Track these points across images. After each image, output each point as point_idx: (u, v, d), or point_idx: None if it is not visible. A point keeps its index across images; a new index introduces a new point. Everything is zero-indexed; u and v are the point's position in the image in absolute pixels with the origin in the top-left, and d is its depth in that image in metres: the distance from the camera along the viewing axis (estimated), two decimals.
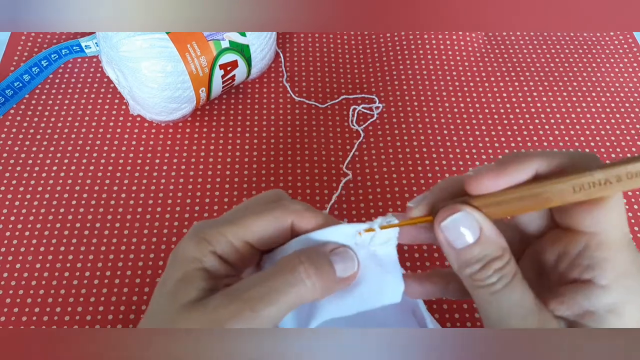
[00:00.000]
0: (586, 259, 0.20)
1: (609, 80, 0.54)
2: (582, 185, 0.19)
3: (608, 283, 0.20)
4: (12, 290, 0.39)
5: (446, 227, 0.21)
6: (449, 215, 0.21)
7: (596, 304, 0.20)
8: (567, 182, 0.19)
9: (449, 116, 0.50)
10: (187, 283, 0.21)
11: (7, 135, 0.47)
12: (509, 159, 0.20)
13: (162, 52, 0.41)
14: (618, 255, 0.20)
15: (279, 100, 0.51)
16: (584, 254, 0.20)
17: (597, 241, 0.20)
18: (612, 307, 0.20)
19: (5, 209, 0.43)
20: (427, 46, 0.55)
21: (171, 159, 0.46)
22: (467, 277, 0.21)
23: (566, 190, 0.19)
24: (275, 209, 0.22)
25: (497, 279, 0.20)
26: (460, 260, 0.21)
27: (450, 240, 0.21)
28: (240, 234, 0.22)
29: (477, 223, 0.21)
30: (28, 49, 0.53)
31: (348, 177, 0.45)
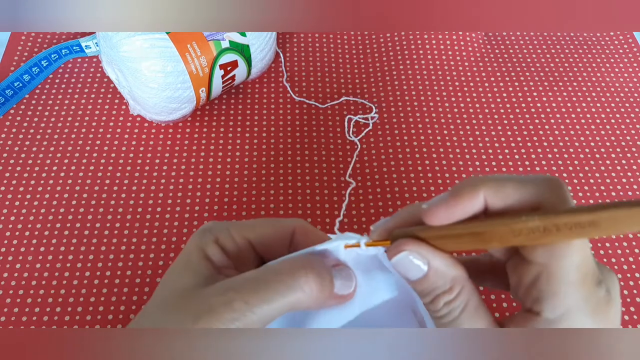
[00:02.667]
0: (535, 291, 0.19)
1: (609, 80, 0.54)
2: (521, 231, 0.18)
3: (556, 318, 0.19)
4: (12, 290, 0.39)
5: (396, 263, 0.21)
6: (397, 253, 0.21)
7: None
8: (506, 225, 0.18)
9: (449, 116, 0.50)
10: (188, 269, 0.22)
11: (7, 135, 0.47)
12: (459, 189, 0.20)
13: (162, 52, 0.41)
14: (569, 290, 0.19)
15: (279, 100, 0.51)
16: (534, 285, 0.20)
17: (547, 273, 0.19)
18: None
19: (5, 209, 0.43)
20: (427, 46, 0.55)
21: (171, 159, 0.46)
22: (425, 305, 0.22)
23: (506, 234, 0.18)
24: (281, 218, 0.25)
25: (447, 312, 0.21)
26: (416, 291, 0.22)
27: (404, 274, 0.21)
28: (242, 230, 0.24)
29: (425, 258, 0.21)
30: (28, 49, 0.53)
31: (352, 185, 0.45)
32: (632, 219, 0.17)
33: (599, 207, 0.17)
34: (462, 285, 0.21)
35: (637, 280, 0.41)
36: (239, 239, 0.23)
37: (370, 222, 0.43)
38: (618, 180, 0.47)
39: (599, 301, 0.19)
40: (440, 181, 0.46)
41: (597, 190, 0.46)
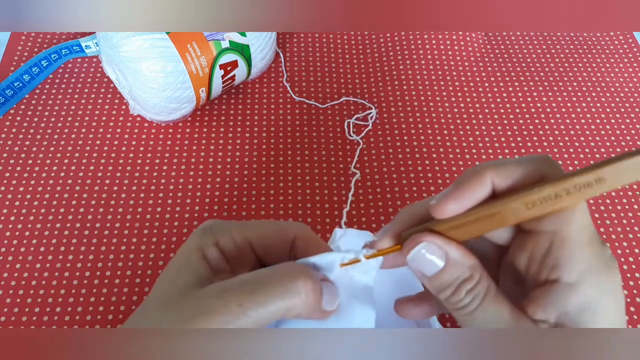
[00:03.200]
0: (551, 258, 0.20)
1: (609, 80, 0.54)
2: (534, 202, 0.19)
3: (575, 280, 0.20)
4: (12, 290, 0.39)
5: (413, 259, 0.21)
6: (413, 247, 0.21)
7: (568, 303, 0.20)
8: (519, 200, 0.19)
9: (449, 116, 0.50)
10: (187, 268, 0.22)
11: (7, 135, 0.47)
12: (465, 178, 0.21)
13: (162, 52, 0.41)
14: (582, 252, 0.20)
15: (279, 100, 0.51)
16: (549, 254, 0.20)
17: (559, 239, 0.20)
18: (583, 305, 0.20)
19: (5, 209, 0.43)
20: (427, 46, 0.55)
21: (171, 159, 0.46)
22: (444, 301, 0.22)
23: (519, 208, 0.19)
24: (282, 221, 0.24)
25: (470, 300, 0.21)
26: (433, 287, 0.22)
27: (420, 270, 0.21)
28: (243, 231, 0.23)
29: (442, 249, 0.21)
30: (28, 49, 0.53)
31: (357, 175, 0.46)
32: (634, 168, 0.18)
33: (602, 163, 0.18)
34: (480, 272, 0.21)
35: (637, 280, 0.41)
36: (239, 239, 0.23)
37: (370, 221, 0.43)
38: None
39: (607, 260, 0.20)
40: (440, 181, 0.46)
41: None
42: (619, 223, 0.44)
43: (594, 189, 0.18)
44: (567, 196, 0.19)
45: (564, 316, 0.20)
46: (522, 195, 0.19)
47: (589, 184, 0.18)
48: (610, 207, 0.45)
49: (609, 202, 0.45)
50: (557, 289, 0.20)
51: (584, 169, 0.18)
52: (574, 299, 0.20)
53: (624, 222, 0.44)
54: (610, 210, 0.45)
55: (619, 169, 0.18)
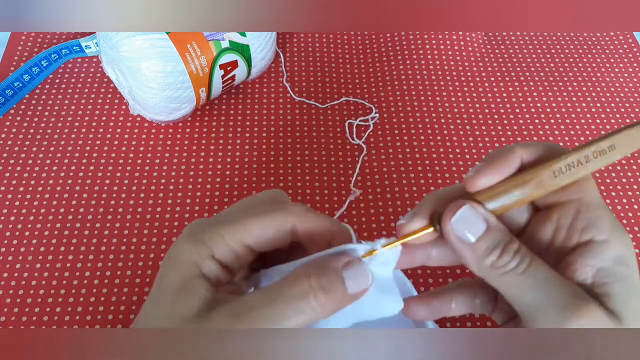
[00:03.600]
0: (581, 221, 0.22)
1: (609, 80, 0.54)
2: (560, 169, 0.21)
3: (607, 237, 0.21)
4: (12, 290, 0.39)
5: (457, 221, 0.21)
6: (456, 211, 0.21)
7: (604, 258, 0.21)
8: (547, 168, 0.21)
9: (449, 116, 0.50)
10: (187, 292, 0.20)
11: (7, 135, 0.47)
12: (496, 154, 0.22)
13: (162, 52, 0.41)
14: (605, 213, 0.22)
15: (279, 100, 0.51)
16: (578, 218, 0.22)
17: (585, 205, 0.22)
18: (618, 258, 0.21)
19: (5, 209, 0.43)
20: (427, 46, 0.55)
21: (171, 159, 0.46)
22: (489, 268, 0.21)
23: (547, 177, 0.21)
24: (276, 211, 0.22)
25: (519, 260, 0.21)
26: (478, 253, 0.21)
27: (462, 236, 0.21)
28: (239, 235, 0.21)
29: (482, 215, 0.22)
30: (28, 49, 0.53)
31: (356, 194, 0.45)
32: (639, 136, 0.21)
33: (614, 132, 0.21)
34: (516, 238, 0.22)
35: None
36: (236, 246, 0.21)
37: (370, 221, 0.43)
38: (618, 180, 0.47)
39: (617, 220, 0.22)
40: (440, 181, 0.46)
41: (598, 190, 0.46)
42: None
43: (608, 156, 0.21)
44: (587, 164, 0.21)
45: (602, 272, 0.21)
46: (549, 163, 0.21)
47: (603, 150, 0.21)
48: (610, 207, 0.45)
49: (609, 202, 0.45)
50: (592, 248, 0.21)
51: (598, 138, 0.21)
52: (609, 253, 0.21)
53: (624, 222, 0.44)
54: (611, 210, 0.45)
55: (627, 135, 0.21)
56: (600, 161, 0.21)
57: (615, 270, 0.21)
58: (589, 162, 0.21)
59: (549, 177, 0.21)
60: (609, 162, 0.21)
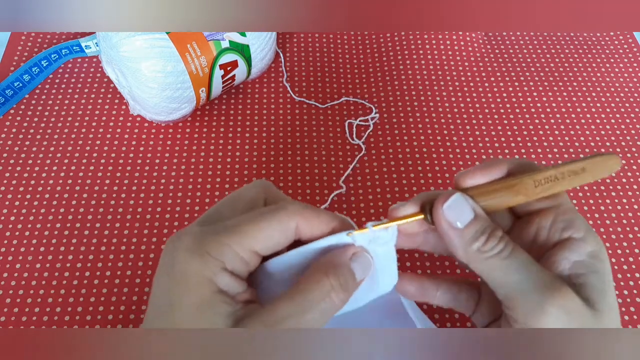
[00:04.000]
0: (561, 222, 0.24)
1: (609, 80, 0.54)
2: (540, 180, 0.24)
3: (583, 235, 0.24)
4: (12, 290, 0.39)
5: (448, 207, 0.23)
6: (448, 198, 0.23)
7: (581, 253, 0.23)
8: (530, 177, 0.24)
9: (449, 116, 0.50)
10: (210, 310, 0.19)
11: (7, 135, 0.47)
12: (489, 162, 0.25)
13: (162, 52, 0.41)
14: (580, 217, 0.25)
15: (279, 100, 0.51)
16: (557, 219, 0.25)
17: (562, 209, 0.25)
18: (593, 253, 0.23)
19: (5, 209, 0.43)
20: (427, 46, 0.55)
21: (171, 159, 0.46)
22: (476, 252, 0.23)
23: (529, 185, 0.24)
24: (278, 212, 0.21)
25: (504, 245, 0.23)
26: (466, 238, 0.23)
27: (453, 221, 0.23)
28: (246, 243, 0.21)
29: (471, 204, 0.24)
30: (28, 49, 0.53)
31: (341, 190, 0.45)
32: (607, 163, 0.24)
33: (585, 158, 0.25)
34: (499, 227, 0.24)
35: (637, 280, 0.41)
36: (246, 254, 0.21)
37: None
38: (618, 180, 0.47)
39: None
40: (440, 181, 0.46)
41: (597, 190, 0.46)
42: (619, 223, 0.44)
43: (580, 177, 0.24)
44: (561, 180, 0.24)
45: (578, 265, 0.23)
46: (531, 174, 0.24)
47: (575, 171, 0.24)
48: (610, 207, 0.45)
49: (609, 202, 0.45)
50: (571, 244, 0.24)
51: (573, 160, 0.24)
52: (586, 248, 0.23)
53: (624, 222, 0.44)
54: (610, 210, 0.45)
55: (598, 163, 0.24)
56: (572, 180, 0.24)
57: (590, 263, 0.23)
58: (564, 179, 0.24)
59: (531, 185, 0.24)
60: (581, 182, 0.24)
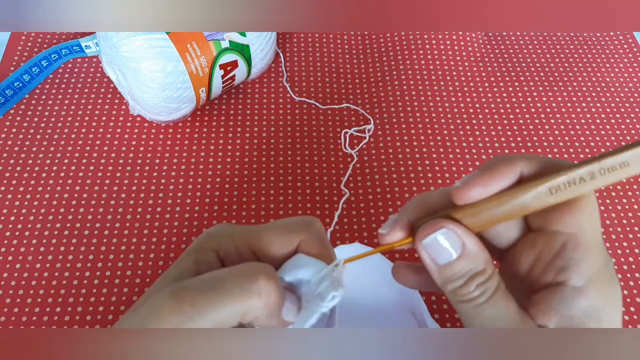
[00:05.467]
0: (561, 260, 0.20)
1: (609, 80, 0.54)
2: (559, 186, 0.19)
3: (583, 285, 0.19)
4: (12, 290, 0.39)
5: (428, 244, 0.20)
6: (430, 233, 0.20)
7: (573, 307, 0.19)
8: (544, 184, 0.19)
9: (449, 116, 0.50)
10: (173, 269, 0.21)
11: (7, 135, 0.47)
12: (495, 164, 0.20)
13: (162, 52, 0.41)
14: (593, 257, 0.20)
15: (279, 100, 0.51)
16: (560, 255, 0.20)
17: (574, 242, 0.20)
18: (589, 310, 0.19)
19: (5, 209, 0.43)
20: (426, 46, 0.55)
21: (171, 159, 0.46)
22: (450, 292, 0.21)
23: (543, 192, 0.19)
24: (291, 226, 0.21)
25: (479, 293, 0.20)
26: (443, 277, 0.20)
27: (433, 257, 0.20)
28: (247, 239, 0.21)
29: (460, 238, 0.20)
30: (28, 49, 0.53)
31: (346, 195, 0.45)
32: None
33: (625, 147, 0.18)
34: (492, 267, 0.20)
35: (637, 280, 0.41)
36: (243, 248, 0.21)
37: (370, 221, 0.43)
38: None
39: (612, 272, 0.20)
40: (440, 181, 0.46)
41: (597, 190, 0.46)
42: (619, 223, 0.44)
43: (618, 173, 0.18)
44: (590, 181, 0.18)
45: (567, 321, 0.19)
46: (547, 178, 0.19)
47: (613, 167, 0.18)
48: (610, 207, 0.45)
49: (609, 202, 0.45)
50: (563, 292, 0.20)
51: (609, 152, 0.18)
52: (581, 302, 0.19)
53: (624, 222, 0.44)
54: (610, 210, 0.45)
55: None
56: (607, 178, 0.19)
57: (583, 323, 0.19)
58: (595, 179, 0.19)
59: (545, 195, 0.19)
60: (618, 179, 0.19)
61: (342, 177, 0.46)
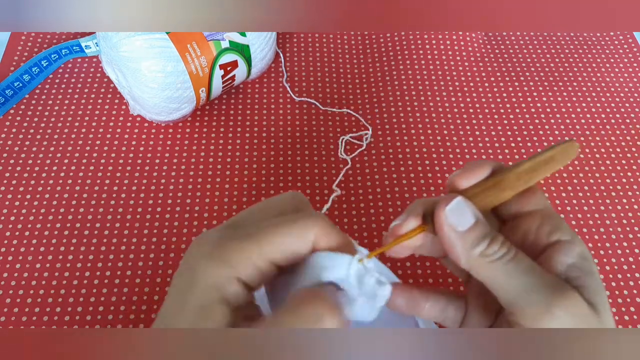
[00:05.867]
0: (547, 225, 0.24)
1: (609, 80, 0.54)
2: (521, 174, 0.24)
3: (571, 238, 0.24)
4: (12, 290, 0.39)
5: (451, 210, 0.23)
6: (451, 201, 0.23)
7: (572, 255, 0.23)
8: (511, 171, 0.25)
9: (449, 116, 0.50)
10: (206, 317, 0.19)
11: (7, 135, 0.47)
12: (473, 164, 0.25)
13: (162, 52, 0.41)
14: (563, 221, 0.25)
15: (279, 101, 0.51)
16: (544, 223, 0.24)
17: (547, 213, 0.25)
18: (582, 255, 0.23)
19: (5, 209, 0.43)
20: (427, 46, 0.55)
21: (171, 159, 0.46)
22: (478, 257, 0.22)
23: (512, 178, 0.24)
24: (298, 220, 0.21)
25: (506, 250, 0.22)
26: (468, 242, 0.23)
27: (455, 224, 0.23)
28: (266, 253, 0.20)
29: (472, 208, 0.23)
30: (28, 49, 0.53)
31: (336, 192, 0.45)
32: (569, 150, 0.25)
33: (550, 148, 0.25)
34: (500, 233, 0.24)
35: (637, 280, 0.41)
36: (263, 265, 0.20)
37: (370, 221, 0.43)
38: (618, 180, 0.47)
39: None
40: (440, 181, 0.46)
41: (597, 190, 0.46)
42: (619, 223, 0.44)
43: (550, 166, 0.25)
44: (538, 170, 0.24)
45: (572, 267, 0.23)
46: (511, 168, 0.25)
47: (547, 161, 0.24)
48: (610, 207, 0.45)
49: (609, 202, 0.45)
50: (562, 246, 0.23)
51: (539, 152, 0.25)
52: (576, 250, 0.23)
53: (624, 222, 0.44)
54: (610, 210, 0.45)
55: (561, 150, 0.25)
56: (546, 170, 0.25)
57: (583, 265, 0.23)
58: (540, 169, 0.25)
59: (514, 179, 0.24)
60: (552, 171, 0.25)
61: (343, 177, 0.46)
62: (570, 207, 0.45)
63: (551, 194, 0.46)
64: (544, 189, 0.46)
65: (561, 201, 0.45)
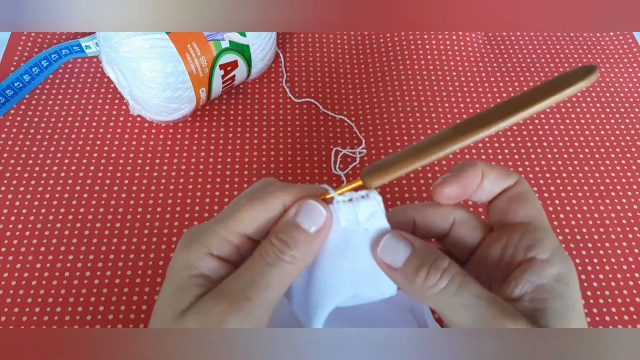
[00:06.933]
0: (526, 240, 0.23)
1: (609, 81, 0.54)
2: None
3: (549, 257, 0.22)
4: (12, 290, 0.39)
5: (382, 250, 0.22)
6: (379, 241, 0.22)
7: (544, 276, 0.22)
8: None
9: (449, 116, 0.50)
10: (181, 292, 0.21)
11: (7, 135, 0.47)
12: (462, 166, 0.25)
13: (162, 52, 0.41)
14: (550, 236, 0.23)
15: (279, 101, 0.51)
16: (524, 237, 0.23)
17: (532, 227, 0.23)
18: (558, 276, 0.22)
19: (5, 209, 0.43)
20: (427, 46, 0.55)
21: (171, 159, 0.46)
22: (421, 288, 0.21)
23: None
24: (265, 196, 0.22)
25: (449, 279, 0.21)
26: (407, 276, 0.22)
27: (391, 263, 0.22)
28: (233, 227, 0.22)
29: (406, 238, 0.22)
30: (28, 49, 0.53)
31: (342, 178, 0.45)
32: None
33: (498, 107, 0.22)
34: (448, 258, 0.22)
35: (637, 280, 0.41)
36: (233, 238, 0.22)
37: None
38: (618, 180, 0.47)
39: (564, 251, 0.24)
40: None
41: (596, 190, 0.46)
42: (618, 223, 0.44)
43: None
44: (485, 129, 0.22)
45: (540, 288, 0.22)
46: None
47: None
48: (610, 207, 0.45)
49: (609, 202, 0.45)
50: (534, 264, 0.22)
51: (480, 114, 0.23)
52: (550, 271, 0.22)
53: (624, 222, 0.44)
54: (610, 210, 0.45)
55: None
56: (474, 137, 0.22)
57: (554, 287, 0.22)
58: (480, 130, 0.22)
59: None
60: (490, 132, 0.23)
61: (343, 178, 0.46)
62: (570, 207, 0.45)
63: (551, 194, 0.46)
64: (543, 189, 0.46)
65: (561, 201, 0.45)
